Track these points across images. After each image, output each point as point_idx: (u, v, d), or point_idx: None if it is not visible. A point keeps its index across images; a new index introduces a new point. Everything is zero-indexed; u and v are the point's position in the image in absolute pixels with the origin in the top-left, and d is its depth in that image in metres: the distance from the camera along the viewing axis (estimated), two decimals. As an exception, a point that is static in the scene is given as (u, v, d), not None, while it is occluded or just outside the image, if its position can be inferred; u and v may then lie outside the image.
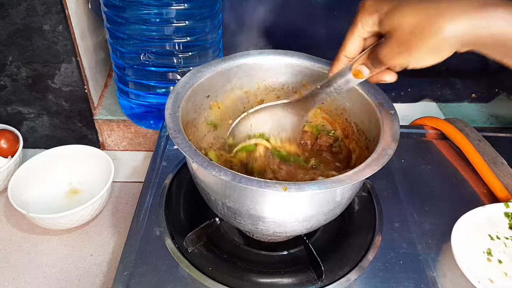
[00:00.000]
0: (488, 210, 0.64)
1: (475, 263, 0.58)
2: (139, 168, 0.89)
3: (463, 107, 0.99)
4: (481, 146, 0.75)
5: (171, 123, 0.50)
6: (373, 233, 0.62)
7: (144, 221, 0.62)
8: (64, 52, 0.76)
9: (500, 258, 0.59)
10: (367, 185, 0.69)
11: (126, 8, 0.71)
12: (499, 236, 0.62)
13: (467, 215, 0.62)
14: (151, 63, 0.77)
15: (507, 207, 0.65)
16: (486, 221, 0.63)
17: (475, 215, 0.62)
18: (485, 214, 0.63)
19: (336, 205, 0.51)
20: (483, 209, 0.64)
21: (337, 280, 0.56)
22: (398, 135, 0.51)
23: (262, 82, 0.65)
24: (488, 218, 0.63)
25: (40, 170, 0.78)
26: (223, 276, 0.56)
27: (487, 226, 0.63)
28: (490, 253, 0.60)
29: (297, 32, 0.87)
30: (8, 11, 0.71)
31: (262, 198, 0.48)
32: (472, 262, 0.57)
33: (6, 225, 0.74)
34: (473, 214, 0.62)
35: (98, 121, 0.89)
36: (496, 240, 0.62)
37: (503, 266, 0.58)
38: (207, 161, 0.46)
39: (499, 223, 0.63)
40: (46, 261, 0.68)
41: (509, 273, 0.57)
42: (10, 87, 0.81)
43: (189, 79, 0.58)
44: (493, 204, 0.65)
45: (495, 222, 0.63)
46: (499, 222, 0.64)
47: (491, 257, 0.59)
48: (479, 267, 0.57)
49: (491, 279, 0.56)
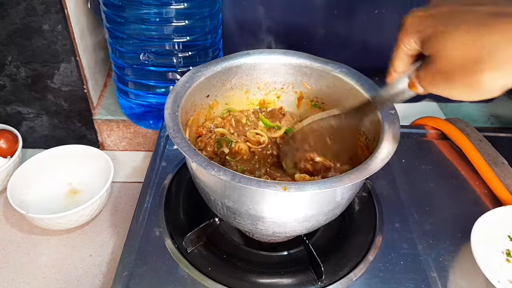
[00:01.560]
0: (508, 211, 0.63)
1: (494, 264, 0.57)
2: (138, 168, 0.88)
3: (463, 107, 0.98)
4: (481, 146, 0.75)
5: (171, 123, 0.50)
6: (374, 234, 0.62)
7: (143, 222, 0.62)
8: (64, 51, 0.76)
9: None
10: (367, 185, 0.69)
11: (126, 8, 0.71)
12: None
13: (487, 214, 0.61)
14: (150, 63, 0.77)
15: None
16: (506, 222, 0.62)
17: (495, 215, 0.62)
18: (506, 214, 0.63)
19: (336, 205, 0.51)
20: (504, 209, 0.63)
21: (337, 281, 0.55)
22: (398, 135, 0.50)
23: (262, 82, 0.64)
24: (508, 219, 0.63)
25: (40, 170, 0.78)
26: (222, 277, 0.55)
27: (507, 227, 0.62)
28: (510, 253, 0.59)
29: (297, 31, 0.87)
30: (7, 10, 0.71)
31: (261, 198, 0.47)
32: (491, 263, 0.57)
33: (5, 225, 0.74)
34: (493, 214, 0.62)
35: (97, 121, 0.88)
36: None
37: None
38: (206, 161, 0.45)
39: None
40: (46, 262, 0.68)
41: None
42: (9, 87, 0.81)
43: (188, 79, 0.57)
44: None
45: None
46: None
47: (510, 258, 0.59)
48: (498, 267, 0.57)
49: (510, 280, 0.56)
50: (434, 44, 0.36)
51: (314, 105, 0.66)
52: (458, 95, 0.37)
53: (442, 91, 0.38)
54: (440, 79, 0.37)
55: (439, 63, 0.36)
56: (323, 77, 0.62)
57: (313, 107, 0.66)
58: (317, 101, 0.65)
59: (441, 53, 0.36)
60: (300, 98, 0.66)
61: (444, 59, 0.36)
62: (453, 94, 0.37)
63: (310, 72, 0.63)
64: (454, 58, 0.35)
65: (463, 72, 0.34)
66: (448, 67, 0.35)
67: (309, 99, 0.66)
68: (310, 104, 0.66)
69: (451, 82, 0.36)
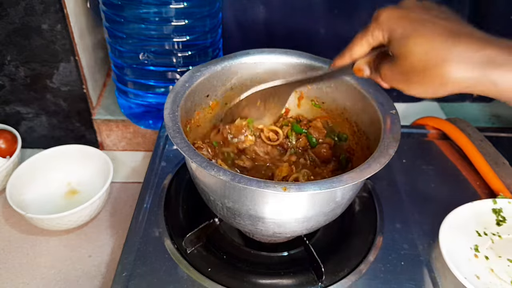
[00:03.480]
0: (477, 206, 0.64)
1: (463, 259, 0.57)
2: (138, 169, 0.88)
3: (464, 107, 0.98)
4: (482, 146, 0.75)
5: (170, 123, 0.50)
6: (374, 234, 0.62)
7: (143, 222, 0.62)
8: (63, 51, 0.76)
9: (486, 255, 0.59)
10: (368, 185, 0.69)
11: (125, 7, 0.71)
12: (487, 232, 0.62)
13: (455, 211, 0.62)
14: (150, 63, 0.77)
15: (495, 203, 0.65)
16: (474, 217, 0.63)
17: (463, 212, 0.62)
18: (474, 210, 0.63)
19: (337, 205, 0.51)
20: (472, 205, 0.63)
21: (337, 281, 0.55)
22: (399, 135, 0.50)
23: (262, 81, 0.64)
24: (476, 214, 0.63)
25: (39, 170, 0.77)
26: (222, 277, 0.55)
27: (475, 223, 0.63)
28: (477, 249, 0.60)
29: (297, 31, 0.87)
30: (6, 10, 0.70)
31: (261, 198, 0.47)
32: (460, 258, 0.57)
33: (4, 226, 0.74)
34: (461, 211, 0.62)
35: (96, 121, 0.88)
36: (483, 236, 0.61)
37: (489, 263, 0.58)
38: (206, 161, 0.45)
39: (487, 220, 0.63)
40: (45, 262, 0.68)
41: (495, 270, 0.57)
42: (8, 86, 0.80)
43: (188, 79, 0.57)
44: (481, 201, 0.65)
45: (483, 218, 0.63)
46: (487, 218, 0.63)
47: (478, 253, 0.59)
48: (466, 263, 0.57)
49: (477, 275, 0.56)
50: (401, 46, 0.40)
51: (314, 105, 0.66)
52: (414, 92, 0.42)
53: (400, 87, 0.42)
54: (400, 78, 0.42)
55: (403, 63, 0.40)
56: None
57: (313, 107, 0.66)
58: (317, 101, 0.65)
59: (406, 55, 0.40)
60: (300, 98, 0.66)
61: (408, 61, 0.40)
62: (410, 91, 0.42)
63: (310, 71, 0.62)
64: (417, 61, 0.39)
65: (424, 75, 0.39)
66: (411, 68, 0.40)
67: (309, 99, 0.66)
68: (310, 104, 0.66)
69: (411, 81, 0.41)
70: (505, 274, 0.57)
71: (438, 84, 0.39)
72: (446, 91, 0.39)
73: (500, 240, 0.61)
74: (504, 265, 0.58)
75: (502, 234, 0.62)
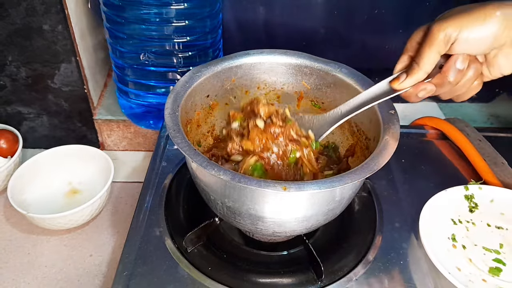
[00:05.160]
0: (450, 193, 0.62)
1: (443, 251, 0.57)
2: (138, 168, 0.88)
3: (463, 107, 0.99)
4: (481, 146, 0.75)
5: (171, 123, 0.50)
6: (374, 233, 0.62)
7: (143, 221, 0.62)
8: (64, 52, 0.76)
9: (463, 244, 0.58)
10: (367, 185, 0.69)
11: (126, 8, 0.71)
12: (461, 220, 0.61)
13: (430, 201, 0.61)
14: (150, 63, 0.77)
15: (467, 189, 0.64)
16: (448, 205, 0.62)
17: (438, 200, 0.61)
18: (447, 198, 0.62)
19: (336, 205, 0.51)
20: (445, 193, 0.62)
21: (337, 280, 0.56)
22: (398, 135, 0.51)
23: (262, 82, 0.65)
24: (450, 201, 0.62)
25: (40, 170, 0.78)
26: (222, 276, 0.56)
27: (450, 211, 0.62)
28: (455, 238, 0.59)
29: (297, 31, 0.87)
30: (7, 11, 0.71)
31: (261, 198, 0.47)
32: (440, 250, 0.56)
33: (6, 225, 0.74)
34: (436, 199, 0.61)
35: (97, 121, 0.88)
36: (458, 224, 0.61)
37: (467, 252, 0.57)
38: (206, 161, 0.45)
39: (460, 207, 0.62)
40: (46, 262, 0.68)
41: (473, 259, 0.56)
42: (9, 87, 0.81)
43: (188, 79, 0.58)
44: (454, 187, 0.64)
45: (457, 205, 0.62)
46: (460, 205, 0.63)
47: (456, 243, 0.59)
48: (446, 255, 0.56)
49: (458, 267, 0.55)
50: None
51: (314, 105, 0.66)
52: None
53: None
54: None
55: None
56: (323, 77, 0.62)
57: (313, 107, 0.66)
58: (317, 101, 0.65)
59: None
60: (300, 98, 0.66)
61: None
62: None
63: (310, 72, 0.63)
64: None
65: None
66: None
67: (309, 99, 0.66)
68: (310, 104, 0.66)
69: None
70: (482, 263, 0.56)
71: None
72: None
73: (474, 228, 0.61)
74: (480, 254, 0.57)
75: (475, 221, 0.61)
